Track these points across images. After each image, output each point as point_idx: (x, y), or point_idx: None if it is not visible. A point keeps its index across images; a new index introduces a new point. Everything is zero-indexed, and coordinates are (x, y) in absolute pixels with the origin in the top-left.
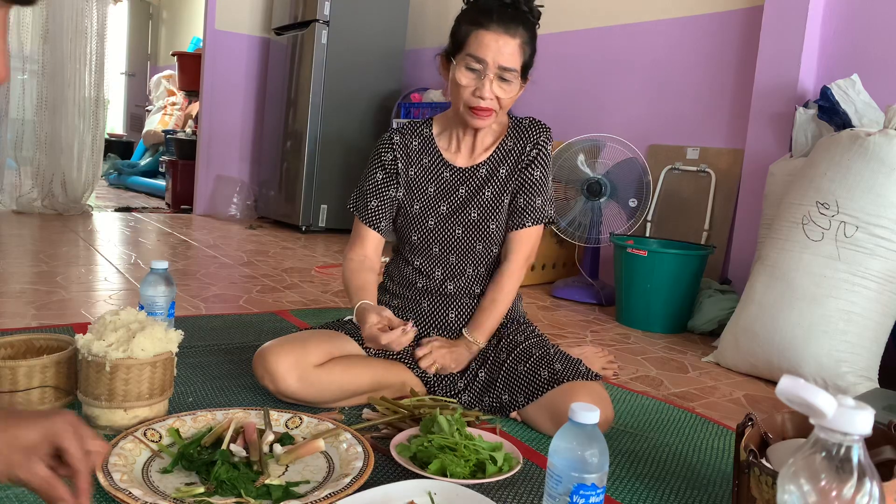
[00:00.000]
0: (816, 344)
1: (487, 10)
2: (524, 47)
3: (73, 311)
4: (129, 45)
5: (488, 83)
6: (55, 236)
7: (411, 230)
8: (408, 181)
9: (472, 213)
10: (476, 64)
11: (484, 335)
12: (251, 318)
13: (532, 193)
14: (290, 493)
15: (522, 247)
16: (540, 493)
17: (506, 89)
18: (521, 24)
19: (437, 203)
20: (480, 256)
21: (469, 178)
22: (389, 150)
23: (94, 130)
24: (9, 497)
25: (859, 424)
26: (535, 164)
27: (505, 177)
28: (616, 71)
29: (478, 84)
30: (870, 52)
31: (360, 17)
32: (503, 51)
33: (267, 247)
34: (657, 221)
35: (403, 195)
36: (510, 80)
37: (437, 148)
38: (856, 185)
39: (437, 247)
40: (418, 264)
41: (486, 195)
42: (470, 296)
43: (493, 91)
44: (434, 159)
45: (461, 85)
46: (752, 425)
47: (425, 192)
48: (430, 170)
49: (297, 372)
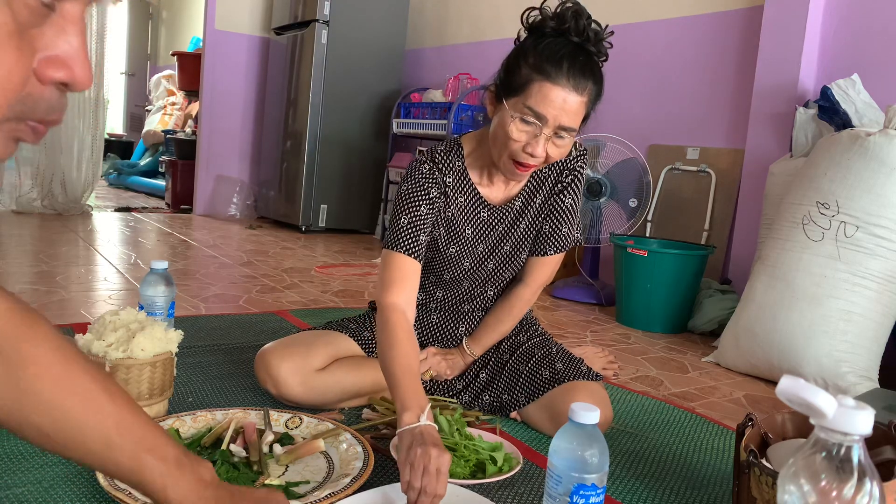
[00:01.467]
0: (816, 344)
1: (557, 58)
2: (588, 105)
3: (73, 311)
4: (128, 45)
5: (543, 141)
6: (55, 236)
7: (444, 269)
8: (446, 221)
9: (506, 247)
10: (534, 119)
11: (481, 349)
12: (251, 318)
13: (560, 221)
14: (290, 493)
15: (541, 273)
16: (540, 493)
17: (560, 146)
18: (592, 76)
19: (474, 245)
20: (504, 281)
21: (506, 214)
22: (434, 186)
23: (94, 130)
24: (9, 497)
25: (859, 424)
26: (568, 190)
27: (540, 205)
28: (616, 71)
29: (530, 140)
30: (870, 52)
31: (360, 17)
32: (568, 109)
33: (267, 247)
34: (657, 221)
35: (440, 235)
36: (565, 138)
37: (472, 184)
38: (856, 185)
39: (467, 282)
40: (440, 296)
41: (521, 227)
42: (483, 311)
43: (545, 149)
44: (470, 198)
45: (511, 137)
46: (752, 425)
47: (462, 234)
48: (467, 210)
49: (300, 377)
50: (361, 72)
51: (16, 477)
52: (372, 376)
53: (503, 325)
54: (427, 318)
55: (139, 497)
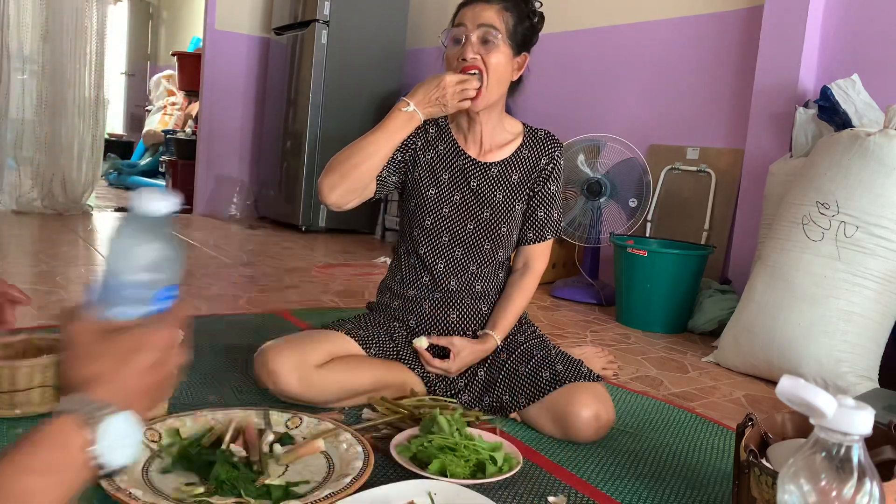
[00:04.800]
0: (816, 344)
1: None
2: (503, 13)
3: None
4: (129, 45)
5: (469, 45)
6: (55, 236)
7: (425, 214)
8: (425, 163)
9: (485, 211)
10: (457, 32)
11: (502, 333)
12: (251, 318)
13: (551, 207)
14: (290, 493)
15: (543, 257)
16: (540, 493)
17: (492, 51)
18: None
19: (450, 191)
20: (486, 256)
21: (480, 173)
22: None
23: (94, 130)
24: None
25: (859, 424)
26: (552, 177)
27: (516, 183)
28: (616, 71)
29: (462, 48)
30: (870, 52)
31: (360, 17)
32: (479, 13)
33: (267, 247)
34: (657, 221)
35: (420, 176)
36: (492, 41)
37: (451, 136)
38: (856, 185)
39: (446, 236)
40: (423, 252)
41: (498, 197)
42: (471, 295)
43: (475, 51)
44: (449, 146)
45: (449, 57)
46: (752, 425)
47: (440, 178)
48: (445, 157)
49: (298, 373)
50: (361, 72)
51: None
52: (371, 374)
53: (516, 305)
54: (419, 308)
55: (139, 497)
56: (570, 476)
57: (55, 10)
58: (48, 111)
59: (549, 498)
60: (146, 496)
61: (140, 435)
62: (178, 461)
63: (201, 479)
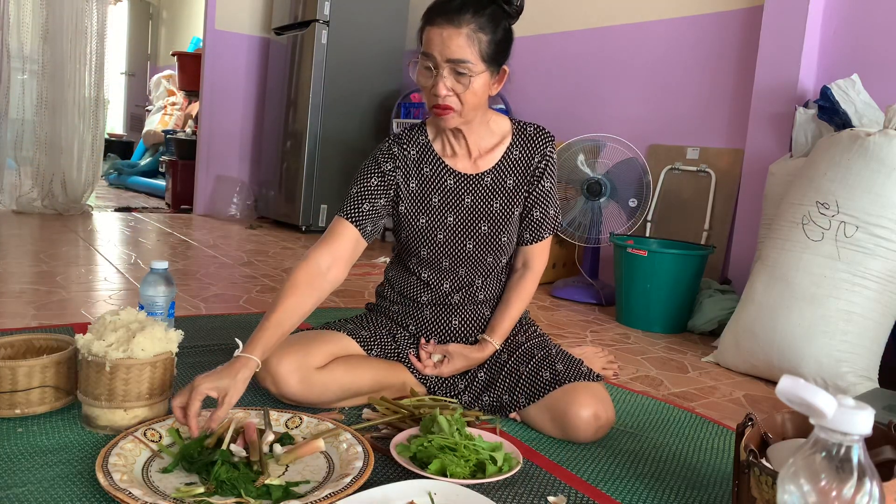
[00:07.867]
0: (816, 344)
1: (437, 4)
2: (475, 35)
3: (73, 311)
4: (129, 45)
5: (441, 80)
6: (55, 236)
7: (420, 245)
8: (410, 194)
9: (483, 226)
10: (427, 62)
11: (501, 338)
12: (251, 318)
13: (547, 205)
14: (290, 493)
15: (542, 256)
16: (540, 493)
17: (464, 83)
18: (470, 9)
19: (443, 215)
20: (490, 267)
21: (474, 186)
22: (390, 160)
23: (94, 130)
24: (9, 497)
25: (859, 424)
26: (545, 174)
27: (512, 188)
28: (616, 71)
29: (433, 82)
30: (870, 52)
31: (360, 17)
32: (448, 44)
33: (267, 247)
34: (657, 221)
35: (406, 209)
36: (464, 73)
37: (436, 154)
38: (856, 185)
39: (447, 261)
40: (426, 277)
41: (495, 207)
42: (474, 303)
43: (448, 87)
44: (436, 168)
45: (421, 85)
46: (752, 425)
47: (430, 203)
48: (433, 179)
49: (299, 374)
50: (361, 72)
51: (16, 477)
52: (371, 375)
53: (514, 309)
54: (420, 314)
55: (139, 497)
56: (570, 476)
57: (55, 10)
58: (48, 111)
59: (549, 498)
60: (146, 496)
61: None
62: (178, 461)
63: (201, 479)
